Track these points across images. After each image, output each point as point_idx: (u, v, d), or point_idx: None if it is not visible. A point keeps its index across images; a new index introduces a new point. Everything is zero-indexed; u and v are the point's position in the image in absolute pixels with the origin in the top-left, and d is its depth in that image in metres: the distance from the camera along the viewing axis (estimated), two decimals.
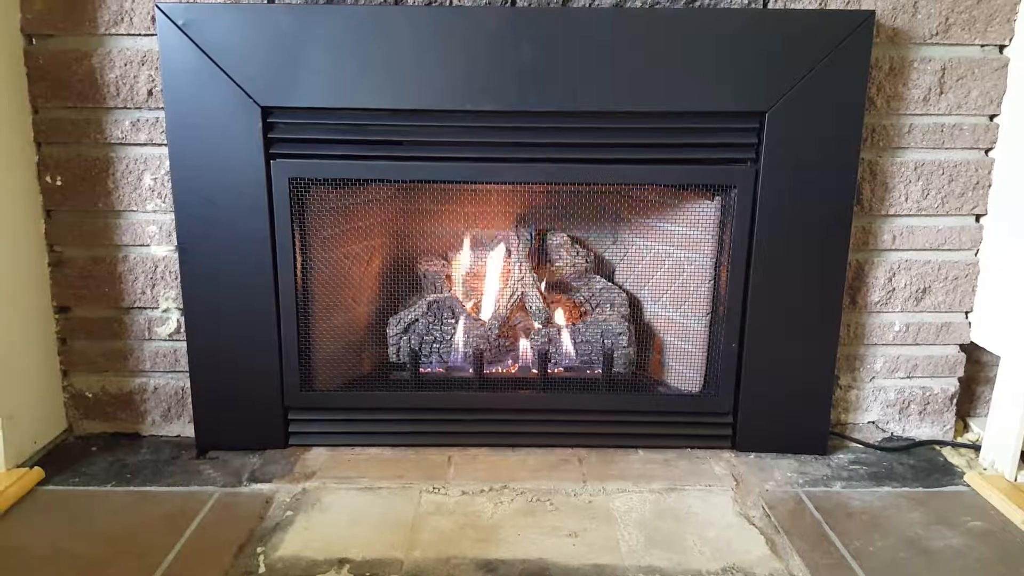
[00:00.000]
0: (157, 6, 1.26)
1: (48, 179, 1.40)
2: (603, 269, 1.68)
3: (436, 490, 1.32)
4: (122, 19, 1.33)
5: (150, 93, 1.37)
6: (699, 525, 1.23)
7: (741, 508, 1.29)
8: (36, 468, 1.35)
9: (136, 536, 1.19)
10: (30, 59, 1.35)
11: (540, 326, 1.56)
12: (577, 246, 1.65)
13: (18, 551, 1.15)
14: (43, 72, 1.36)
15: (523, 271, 1.58)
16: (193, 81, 1.28)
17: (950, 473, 1.42)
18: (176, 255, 1.41)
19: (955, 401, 1.54)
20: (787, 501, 1.31)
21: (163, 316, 1.47)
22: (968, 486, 1.37)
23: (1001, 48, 1.38)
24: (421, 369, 1.52)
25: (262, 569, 1.11)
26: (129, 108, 1.38)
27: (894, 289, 1.47)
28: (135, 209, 1.42)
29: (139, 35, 1.34)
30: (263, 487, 1.33)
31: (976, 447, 1.50)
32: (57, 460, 1.42)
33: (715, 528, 1.22)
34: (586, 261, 1.64)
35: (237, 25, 1.26)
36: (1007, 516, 1.27)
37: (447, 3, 1.33)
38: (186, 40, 1.26)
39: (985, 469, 1.43)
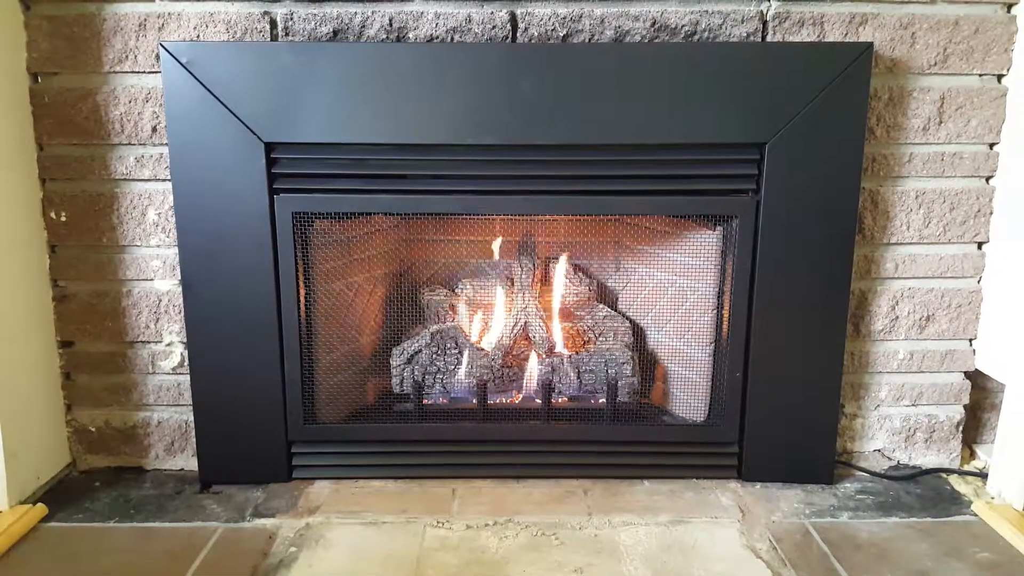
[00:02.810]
0: (161, 44, 1.27)
1: (52, 215, 1.41)
2: (606, 297, 1.69)
3: (440, 524, 1.32)
4: (127, 57, 1.35)
5: (154, 129, 1.38)
6: (706, 559, 1.22)
7: (748, 540, 1.28)
8: (39, 505, 1.35)
9: (139, 575, 1.18)
10: (35, 97, 1.36)
11: (543, 355, 1.56)
12: (580, 274, 1.66)
13: None
14: (48, 110, 1.37)
15: (526, 300, 1.59)
16: (197, 117, 1.29)
17: (957, 502, 1.41)
18: (180, 289, 1.42)
19: (961, 428, 1.53)
20: (794, 533, 1.30)
21: (167, 350, 1.48)
22: (976, 516, 1.36)
23: (999, 77, 1.39)
24: (424, 400, 1.52)
25: None
26: (133, 144, 1.39)
27: (897, 317, 1.47)
28: (139, 244, 1.43)
29: (143, 73, 1.36)
30: (267, 522, 1.33)
31: (983, 475, 1.49)
32: (60, 496, 1.42)
33: (722, 562, 1.21)
34: (589, 289, 1.64)
35: (241, 63, 1.27)
36: (1016, 547, 1.26)
37: (448, 40, 1.34)
38: (190, 78, 1.28)
39: (993, 498, 1.42)
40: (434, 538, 1.27)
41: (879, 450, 1.54)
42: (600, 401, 1.53)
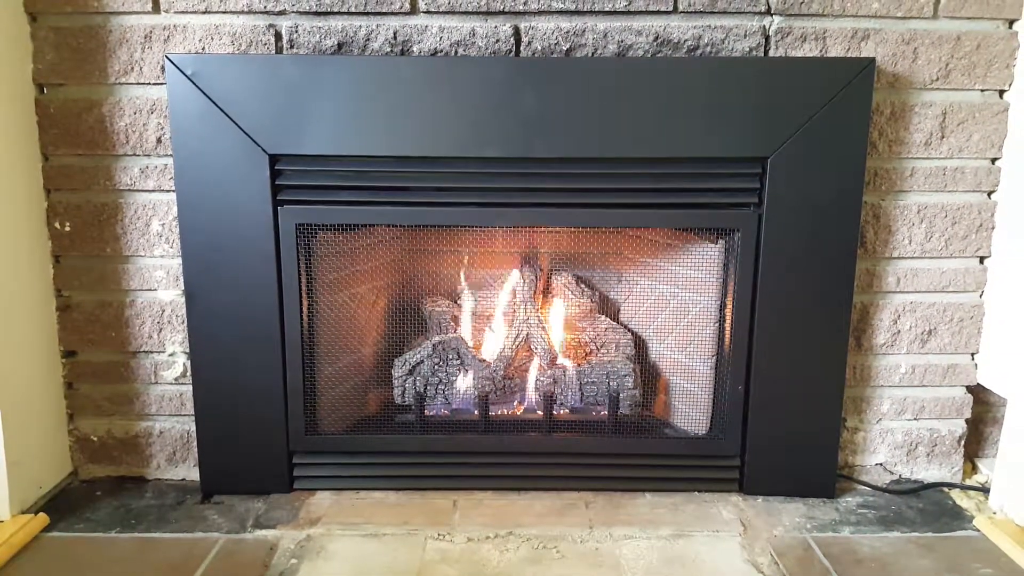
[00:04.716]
0: (167, 57, 1.28)
1: (57, 225, 1.42)
2: (608, 308, 1.69)
3: (441, 537, 1.31)
4: (132, 69, 1.35)
5: (159, 141, 1.38)
6: (707, 574, 1.22)
7: (749, 555, 1.27)
8: (41, 514, 1.35)
9: None
10: (41, 108, 1.37)
11: (545, 367, 1.56)
12: (582, 286, 1.66)
13: None
14: (54, 120, 1.37)
15: (528, 311, 1.59)
16: (201, 129, 1.30)
17: (959, 517, 1.41)
18: (183, 299, 1.42)
19: (963, 442, 1.53)
20: (795, 547, 1.30)
21: (169, 360, 1.48)
22: (978, 531, 1.36)
23: (1001, 93, 1.39)
24: (426, 411, 1.52)
25: None
26: (138, 155, 1.39)
27: (899, 331, 1.47)
28: (143, 254, 1.43)
29: (149, 84, 1.36)
30: (267, 533, 1.33)
31: (985, 490, 1.49)
32: (62, 505, 1.42)
33: None
34: (591, 301, 1.64)
35: (245, 75, 1.28)
36: (1018, 563, 1.26)
37: (452, 54, 1.34)
38: (195, 90, 1.28)
39: (995, 513, 1.42)
40: (435, 550, 1.27)
41: (881, 464, 1.54)
42: (602, 413, 1.53)
